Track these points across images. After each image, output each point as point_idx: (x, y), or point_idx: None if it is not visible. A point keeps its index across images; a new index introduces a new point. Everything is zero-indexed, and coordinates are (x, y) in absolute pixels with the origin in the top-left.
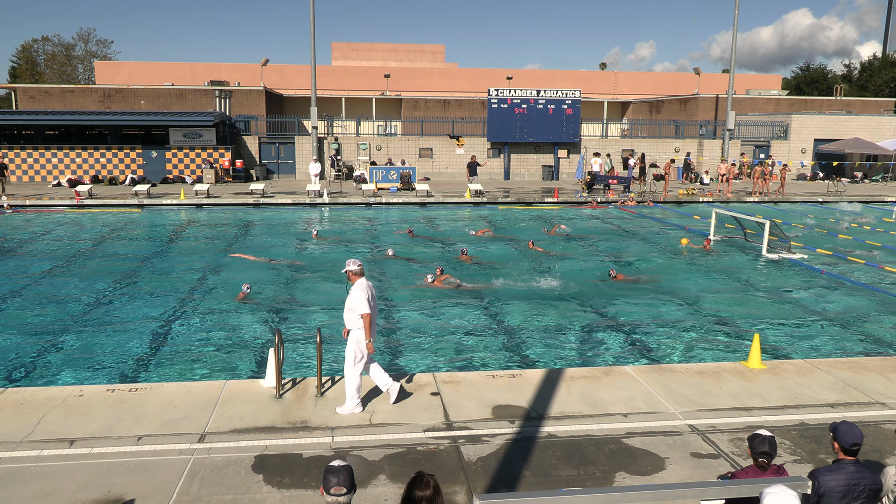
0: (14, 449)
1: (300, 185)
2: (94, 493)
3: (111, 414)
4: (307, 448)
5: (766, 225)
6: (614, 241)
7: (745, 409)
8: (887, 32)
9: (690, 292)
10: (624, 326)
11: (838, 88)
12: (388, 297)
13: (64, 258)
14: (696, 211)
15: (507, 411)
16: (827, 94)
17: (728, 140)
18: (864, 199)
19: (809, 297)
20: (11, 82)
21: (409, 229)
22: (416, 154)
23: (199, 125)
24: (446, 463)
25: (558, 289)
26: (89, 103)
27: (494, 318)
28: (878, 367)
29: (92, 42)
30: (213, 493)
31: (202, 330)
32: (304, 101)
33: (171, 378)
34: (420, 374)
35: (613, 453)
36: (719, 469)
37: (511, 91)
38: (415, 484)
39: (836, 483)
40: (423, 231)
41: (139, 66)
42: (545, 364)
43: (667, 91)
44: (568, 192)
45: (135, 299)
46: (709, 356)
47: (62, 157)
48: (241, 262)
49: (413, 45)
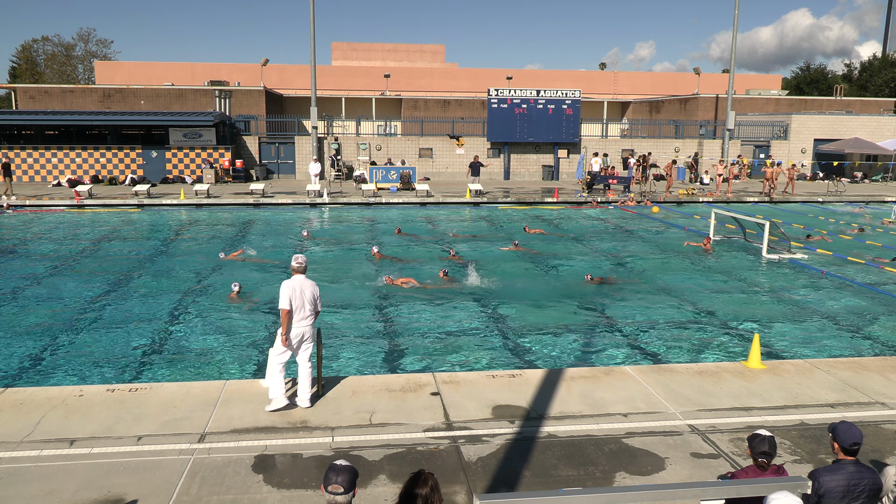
0: (14, 449)
1: (300, 185)
2: (94, 493)
3: (111, 414)
4: (307, 448)
5: (766, 225)
6: (614, 241)
7: (745, 409)
8: (887, 32)
9: (690, 292)
10: (624, 326)
11: (838, 88)
12: (381, 297)
13: (64, 258)
14: (696, 211)
15: (507, 411)
16: (827, 94)
17: (728, 140)
18: (864, 200)
19: (809, 297)
20: (11, 82)
21: (397, 228)
22: (416, 154)
23: (199, 125)
24: (446, 463)
25: (557, 289)
26: (89, 103)
27: (494, 318)
28: (878, 367)
29: (92, 42)
30: (213, 493)
31: (202, 330)
32: (304, 101)
33: (170, 378)
34: (420, 374)
35: (613, 453)
36: (719, 469)
37: (511, 91)
38: (413, 481)
39: (836, 483)
40: (412, 230)
41: (139, 66)
42: (545, 364)
43: (667, 91)
44: (568, 192)
45: (135, 299)
46: (709, 356)
47: (62, 157)
48: (238, 261)
49: (413, 45)
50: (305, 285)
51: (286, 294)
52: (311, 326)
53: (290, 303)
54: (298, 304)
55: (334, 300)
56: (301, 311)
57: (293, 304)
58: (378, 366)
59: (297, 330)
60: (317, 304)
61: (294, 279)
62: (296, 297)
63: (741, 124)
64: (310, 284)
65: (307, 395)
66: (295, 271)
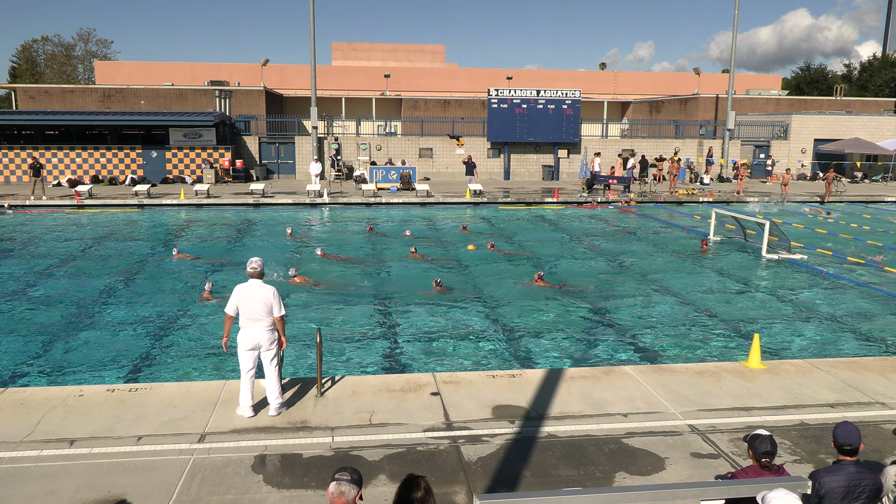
0: (14, 449)
1: (300, 185)
2: (94, 493)
3: (111, 414)
4: (307, 448)
5: (766, 225)
6: (613, 241)
7: (745, 409)
8: (887, 32)
9: (691, 292)
10: (624, 326)
11: (838, 88)
12: (381, 297)
13: (64, 258)
14: (696, 211)
15: (507, 411)
16: (827, 94)
17: (728, 140)
18: (864, 200)
19: (809, 297)
20: (11, 82)
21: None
22: (416, 154)
23: (199, 125)
24: (446, 463)
25: (556, 288)
26: (89, 103)
27: (494, 318)
28: (878, 367)
29: (92, 42)
30: (213, 493)
31: (202, 329)
32: (304, 101)
33: (170, 378)
34: (420, 374)
35: (613, 453)
36: (719, 469)
37: (511, 91)
38: (407, 486)
39: (837, 484)
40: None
41: (139, 66)
42: (545, 364)
43: (667, 91)
44: (568, 192)
45: (135, 299)
46: (709, 356)
47: (62, 157)
48: (236, 262)
49: (413, 45)
50: (257, 290)
51: (233, 298)
52: (270, 331)
53: (235, 308)
54: (247, 308)
55: (329, 300)
56: (251, 315)
57: (241, 309)
58: (378, 366)
59: (249, 335)
60: (273, 310)
61: (247, 284)
62: (243, 302)
63: (741, 124)
64: (263, 289)
65: (274, 402)
66: (249, 275)
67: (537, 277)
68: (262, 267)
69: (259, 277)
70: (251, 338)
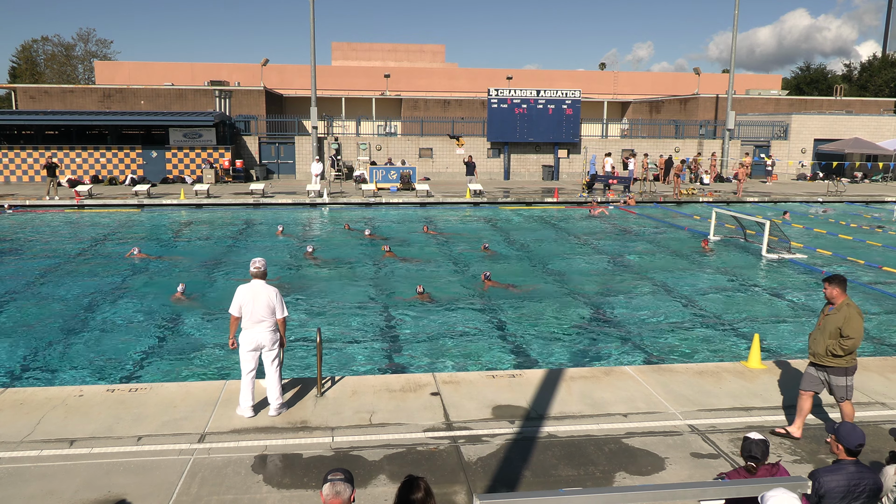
0: (14, 449)
1: (300, 185)
2: (93, 493)
3: (111, 414)
4: (307, 448)
5: (767, 225)
6: (612, 241)
7: (745, 409)
8: (887, 32)
9: (691, 292)
10: (624, 326)
11: (838, 88)
12: (380, 298)
13: (64, 258)
14: (696, 211)
15: (507, 411)
16: (827, 94)
17: (728, 140)
18: (864, 200)
19: (810, 297)
20: (11, 82)
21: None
22: (416, 154)
23: (199, 125)
24: (446, 463)
25: (555, 288)
26: (89, 103)
27: (493, 318)
28: (878, 367)
29: (92, 42)
30: (213, 494)
31: (203, 329)
32: (304, 101)
33: (170, 378)
34: (420, 374)
35: (613, 453)
36: (719, 469)
37: (511, 91)
38: (407, 488)
39: (837, 483)
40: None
41: (139, 66)
42: (545, 364)
43: (666, 91)
44: (568, 192)
45: (135, 299)
46: (709, 356)
47: (62, 157)
48: (235, 261)
49: (413, 45)
50: (260, 291)
51: (237, 299)
52: (272, 332)
53: (239, 309)
54: (250, 309)
55: (325, 300)
56: (254, 316)
57: (244, 310)
58: (378, 366)
59: (252, 336)
60: (276, 311)
61: (250, 284)
62: (247, 303)
63: (741, 124)
64: (266, 290)
65: (274, 402)
66: (252, 275)
67: (483, 278)
68: (265, 267)
69: (262, 278)
70: (254, 338)
